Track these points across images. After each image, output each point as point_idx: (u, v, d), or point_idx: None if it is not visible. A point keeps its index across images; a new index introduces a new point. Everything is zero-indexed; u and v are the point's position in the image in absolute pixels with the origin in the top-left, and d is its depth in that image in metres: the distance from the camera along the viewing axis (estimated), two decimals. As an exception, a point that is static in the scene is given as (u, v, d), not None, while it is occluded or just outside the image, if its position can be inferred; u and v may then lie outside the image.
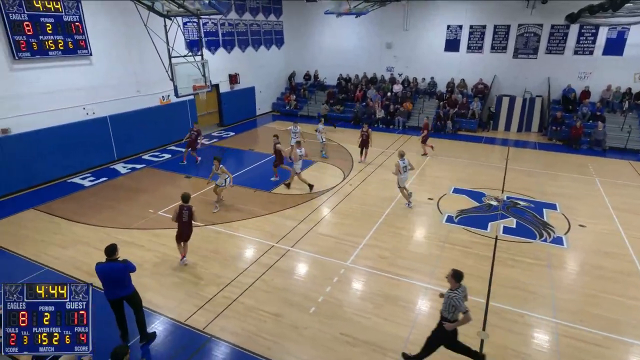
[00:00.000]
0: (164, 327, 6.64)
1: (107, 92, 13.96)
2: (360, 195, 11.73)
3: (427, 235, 9.54)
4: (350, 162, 14.58)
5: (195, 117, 18.15)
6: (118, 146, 14.58)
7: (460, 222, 10.10)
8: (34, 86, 11.89)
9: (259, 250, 8.83)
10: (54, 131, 12.50)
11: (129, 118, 14.79)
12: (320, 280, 7.76)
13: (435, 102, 20.53)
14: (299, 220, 10.14)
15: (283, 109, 23.28)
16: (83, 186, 12.48)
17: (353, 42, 22.53)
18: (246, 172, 13.80)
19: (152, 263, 8.39)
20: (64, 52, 12.31)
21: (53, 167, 12.67)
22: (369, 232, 9.55)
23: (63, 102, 12.68)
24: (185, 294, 7.38)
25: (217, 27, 18.82)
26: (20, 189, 11.97)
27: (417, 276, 7.89)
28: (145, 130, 15.42)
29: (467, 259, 8.50)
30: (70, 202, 11.29)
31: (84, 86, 13.18)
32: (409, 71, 21.80)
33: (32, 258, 8.49)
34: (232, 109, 20.43)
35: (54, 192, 12.02)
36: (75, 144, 13.15)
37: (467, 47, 20.10)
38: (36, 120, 12.04)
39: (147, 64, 14.78)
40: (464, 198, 11.51)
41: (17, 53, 11.24)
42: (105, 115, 14.00)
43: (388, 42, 21.75)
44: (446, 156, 15.44)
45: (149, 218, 10.29)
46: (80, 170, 13.49)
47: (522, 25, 18.94)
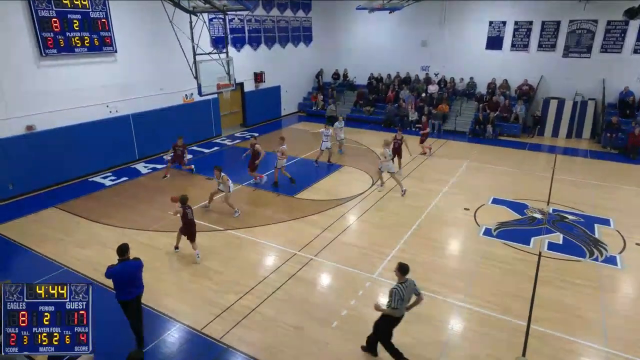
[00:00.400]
0: (179, 334, 6.72)
1: (131, 89, 14.46)
2: (389, 203, 11.60)
3: (462, 249, 9.32)
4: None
5: (219, 117, 18.51)
6: (140, 145, 15.04)
7: (500, 235, 9.81)
8: (59, 83, 12.45)
9: (281, 258, 8.84)
10: (77, 129, 13.04)
11: (151, 117, 15.25)
12: (345, 293, 7.67)
13: (474, 105, 20.12)
14: (323, 228, 10.11)
15: (309, 110, 23.39)
16: (104, 185, 12.93)
17: (386, 39, 22.42)
18: (269, 176, 13.90)
19: (169, 267, 8.55)
20: (89, 49, 12.85)
21: (75, 165, 13.20)
22: (398, 243, 9.41)
23: (87, 100, 13.21)
24: (203, 300, 7.47)
25: (243, 24, 19.17)
26: (42, 187, 12.52)
27: (451, 293, 7.69)
28: (167, 129, 15.83)
29: (506, 276, 8.21)
30: (91, 202, 11.71)
31: (107, 83, 13.70)
32: (445, 71, 21.48)
33: (52, 257, 8.84)
34: (257, 108, 20.71)
35: (75, 190, 12.51)
36: (98, 143, 13.66)
37: (511, 44, 19.61)
38: (60, 118, 12.60)
39: (171, 62, 15.19)
40: (504, 209, 11.20)
41: (44, 50, 11.82)
42: (128, 114, 14.48)
43: (423, 39, 21.51)
44: (485, 163, 15.06)
45: (168, 220, 10.52)
46: (102, 169, 13.99)
47: (574, 22, 18.26)
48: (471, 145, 17.56)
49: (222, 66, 12.13)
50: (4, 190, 11.69)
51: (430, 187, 12.72)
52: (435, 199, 11.86)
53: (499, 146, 17.46)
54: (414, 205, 11.39)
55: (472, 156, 15.83)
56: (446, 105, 20.11)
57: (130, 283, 6.18)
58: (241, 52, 19.12)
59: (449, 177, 13.54)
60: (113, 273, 6.09)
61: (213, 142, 17.75)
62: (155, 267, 8.52)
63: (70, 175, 13.15)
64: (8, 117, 11.50)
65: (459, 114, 20.08)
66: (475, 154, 16.19)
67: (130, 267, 6.18)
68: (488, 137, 18.61)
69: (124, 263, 6.15)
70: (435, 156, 15.87)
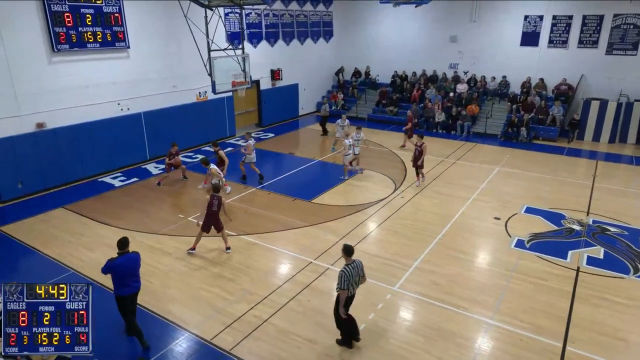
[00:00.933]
0: (188, 344, 6.84)
1: (143, 87, 14.83)
2: (413, 210, 11.54)
3: (491, 261, 9.20)
4: (402, 171, 14.40)
5: (233, 116, 18.77)
6: (151, 145, 15.39)
7: (533, 248, 9.66)
8: (70, 79, 12.88)
9: (295, 267, 8.89)
10: (87, 127, 13.45)
11: (163, 115, 15.60)
12: (363, 305, 7.66)
13: (506, 106, 19.88)
14: (341, 235, 10.13)
15: (329, 110, 23.40)
16: (113, 186, 13.27)
17: (411, 35, 22.38)
18: (285, 179, 14.01)
19: (179, 272, 8.71)
20: (102, 45, 13.26)
21: (84, 164, 13.61)
22: (422, 254, 9.35)
23: (98, 97, 13.62)
24: (213, 309, 7.58)
25: (260, 18, 19.44)
26: (51, 187, 12.93)
27: (478, 309, 7.60)
28: (179, 128, 16.16)
29: (540, 293, 8.08)
30: (100, 202, 12.04)
31: (119, 80, 14.10)
32: (476, 69, 21.30)
33: (59, 259, 9.12)
34: (273, 108, 20.92)
35: (84, 191, 12.88)
36: (108, 142, 14.05)
37: (548, 41, 19.33)
38: (70, 115, 13.02)
39: (185, 58, 15.53)
40: (539, 219, 11.03)
41: (56, 45, 12.25)
42: (140, 112, 14.85)
43: (452, 35, 21.38)
44: (518, 169, 14.85)
45: (178, 224, 10.71)
46: (112, 170, 14.37)
47: (619, 16, 17.87)
48: (503, 150, 17.32)
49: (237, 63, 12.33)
50: (13, 189, 12.13)
51: (458, 193, 12.61)
52: (463, 206, 11.75)
53: (533, 151, 17.21)
54: (439, 213, 11.31)
55: (503, 161, 15.64)
56: (476, 105, 19.91)
57: (132, 276, 6.44)
58: (258, 48, 19.38)
59: (478, 183, 13.40)
60: (115, 266, 6.27)
61: (227, 143, 18.00)
62: (164, 272, 8.70)
63: (79, 175, 13.55)
64: (19, 114, 11.95)
65: (490, 116, 19.86)
66: (508, 158, 15.99)
67: (132, 260, 6.45)
68: (522, 141, 18.34)
69: (125, 256, 6.39)
70: (463, 160, 15.72)
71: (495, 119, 19.71)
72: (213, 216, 9.08)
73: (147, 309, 7.56)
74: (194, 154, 16.43)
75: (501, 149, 17.40)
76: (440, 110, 20.15)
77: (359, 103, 23.14)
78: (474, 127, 19.68)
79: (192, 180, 13.63)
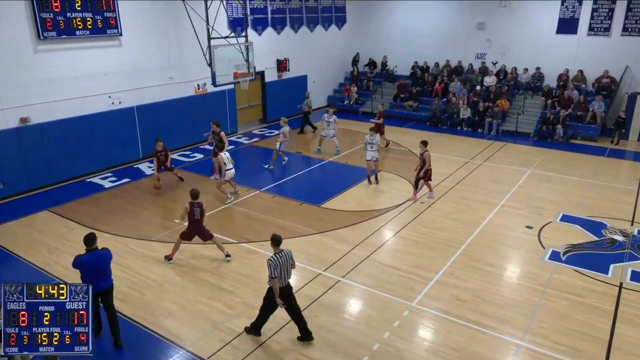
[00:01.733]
0: (182, 363, 6.86)
1: (136, 78, 14.96)
2: (435, 217, 11.48)
3: (522, 275, 9.12)
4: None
5: (235, 111, 18.85)
6: (144, 142, 15.51)
7: (570, 260, 9.56)
8: (58, 70, 13.03)
9: (302, 278, 8.88)
10: (75, 122, 13.59)
11: (158, 109, 15.73)
12: (377, 323, 7.63)
13: (540, 101, 19.71)
14: (354, 244, 10.10)
15: (341, 104, 23.49)
16: (103, 187, 13.40)
17: (433, 22, 22.33)
18: (291, 181, 14.03)
19: (174, 284, 8.74)
20: (92, 32, 13.41)
21: (72, 163, 13.76)
22: (444, 266, 9.30)
23: (87, 89, 13.77)
24: (212, 324, 7.59)
25: (265, 3, 19.54)
26: (36, 187, 13.09)
27: (507, 329, 7.52)
28: (176, 124, 16.28)
29: (578, 311, 7.98)
30: (88, 205, 12.15)
31: (111, 71, 14.24)
32: (506, 59, 21.16)
33: (42, 267, 9.22)
34: (279, 102, 20.96)
35: (71, 192, 13.02)
36: (98, 138, 14.20)
37: (588, 28, 19.15)
38: (57, 109, 13.17)
39: (183, 47, 15.63)
40: (576, 229, 10.92)
41: (42, 32, 12.41)
42: (132, 106, 14.99)
43: (480, 21, 21.27)
44: (553, 172, 14.71)
45: (173, 229, 10.75)
46: (101, 169, 14.51)
47: (669, 0, 17.62)
48: (536, 150, 17.19)
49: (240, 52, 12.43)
50: (-6, 190, 12.31)
51: (485, 198, 12.52)
52: (491, 213, 11.66)
53: (570, 151, 17.05)
54: (464, 221, 11.23)
55: (537, 163, 15.52)
56: (506, 100, 19.77)
57: (98, 275, 6.68)
58: (262, 35, 19.46)
59: (508, 187, 13.29)
60: (81, 262, 6.60)
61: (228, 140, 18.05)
62: (158, 283, 8.74)
63: (66, 175, 13.70)
64: (0, 108, 12.11)
65: (521, 112, 19.71)
66: (541, 160, 15.85)
67: (100, 257, 6.74)
68: (557, 140, 18.17)
69: (92, 252, 6.70)
70: (491, 161, 15.60)
71: (527, 116, 19.54)
72: (196, 225, 9.11)
73: (139, 323, 7.60)
74: (191, 152, 16.52)
75: (534, 150, 17.26)
76: (465, 106, 20.03)
77: (375, 97, 23.11)
78: (503, 124, 19.53)
79: (190, 180, 13.68)
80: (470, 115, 19.86)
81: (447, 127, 20.12)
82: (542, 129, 18.55)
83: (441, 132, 19.61)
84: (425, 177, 12.34)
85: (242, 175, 13.92)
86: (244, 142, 17.87)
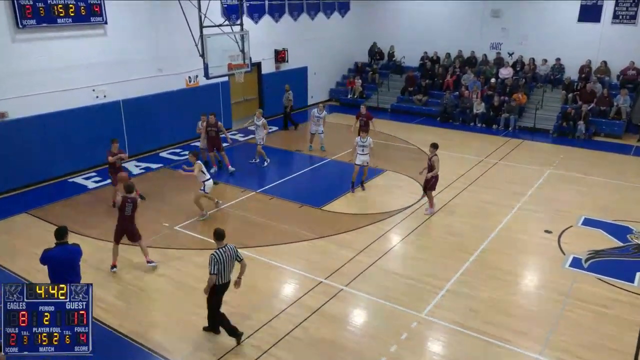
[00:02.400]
0: (172, 378, 6.88)
1: (122, 70, 14.98)
2: (446, 221, 11.50)
3: (541, 284, 9.13)
4: (433, 174, 14.32)
5: (229, 105, 18.86)
6: (131, 139, 15.53)
7: (593, 268, 9.57)
8: (37, 61, 13.04)
9: (302, 287, 8.89)
10: (56, 117, 13.62)
11: (146, 103, 15.75)
12: (383, 335, 7.64)
13: (561, 94, 19.74)
14: (358, 250, 10.11)
15: (344, 98, 23.53)
16: (86, 188, 13.43)
17: (444, 9, 22.35)
18: (291, 181, 14.05)
19: (162, 292, 8.76)
20: (74, 20, 13.44)
21: (53, 162, 13.79)
22: (456, 274, 9.30)
23: (70, 82, 13.78)
24: (203, 337, 7.59)
25: (263, -12, 19.56)
26: (13, 188, 13.12)
27: (524, 342, 7.53)
28: (165, 119, 16.30)
29: (602, 323, 7.98)
30: (70, 207, 12.17)
31: (95, 62, 14.26)
32: (523, 49, 21.18)
33: (22, 275, 9.21)
34: (277, 95, 20.90)
35: (52, 193, 13.05)
36: (80, 135, 14.21)
37: (612, 15, 19.16)
38: (37, 104, 13.18)
39: (173, 36, 15.64)
40: (599, 233, 10.93)
41: (21, 20, 12.44)
42: (118, 100, 15.02)
43: (495, 8, 21.30)
44: (574, 171, 14.73)
45: (162, 233, 10.78)
46: (85, 168, 14.53)
47: (701, -15, 17.63)
48: (556, 148, 17.22)
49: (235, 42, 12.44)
50: (-32, 190, 12.35)
51: (500, 200, 12.53)
52: (507, 217, 11.67)
53: (593, 149, 17.08)
54: (477, 225, 11.23)
55: (557, 162, 15.53)
56: (523, 94, 19.79)
57: (68, 270, 6.79)
58: (259, 24, 19.49)
59: (526, 188, 13.29)
60: (49, 257, 6.70)
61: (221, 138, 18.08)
62: (145, 292, 8.76)
63: (46, 175, 13.73)
64: (-24, 102, 12.17)
65: (540, 107, 19.72)
66: (562, 159, 15.87)
67: (70, 252, 6.88)
68: (579, 138, 18.18)
69: (62, 247, 6.83)
70: (507, 160, 15.61)
71: (546, 111, 19.55)
72: (127, 222, 9.04)
73: (126, 335, 7.61)
74: (181, 150, 16.54)
75: (554, 147, 17.30)
76: (479, 100, 20.04)
77: (381, 91, 23.13)
78: (520, 120, 19.56)
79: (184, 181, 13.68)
80: (484, 111, 19.85)
81: (459, 124, 20.13)
82: (563, 125, 18.55)
83: (453, 128, 19.62)
84: (427, 186, 11.64)
85: (238, 176, 13.92)
86: (239, 140, 17.88)
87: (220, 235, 7.12)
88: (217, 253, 6.97)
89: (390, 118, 21.18)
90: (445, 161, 12.81)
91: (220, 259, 6.94)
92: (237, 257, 7.22)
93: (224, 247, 7.08)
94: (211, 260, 6.93)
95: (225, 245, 7.11)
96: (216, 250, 7.03)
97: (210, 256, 6.95)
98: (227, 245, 7.13)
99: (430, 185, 11.68)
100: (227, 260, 7.02)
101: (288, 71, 21.31)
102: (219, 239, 7.11)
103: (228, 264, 7.07)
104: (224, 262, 6.98)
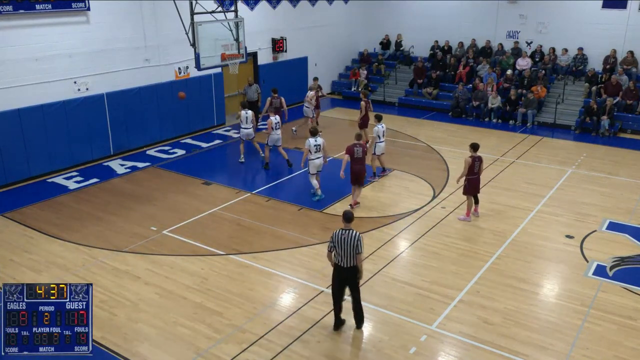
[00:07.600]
0: (160, 396, 6.88)
1: (106, 60, 15.01)
2: (458, 225, 11.49)
3: (561, 294, 9.13)
4: (443, 173, 14.34)
5: (223, 99, 18.85)
6: (116, 136, 15.56)
7: (618, 276, 9.57)
8: (13, 51, 13.05)
9: (302, 297, 8.89)
10: (34, 112, 13.63)
11: (132, 97, 15.77)
12: (390, 350, 7.64)
13: (583, 87, 19.74)
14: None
15: (347, 91, 23.53)
16: (67, 188, 13.43)
17: (457, -7, 22.34)
18: (289, 181, 14.07)
19: (151, 303, 8.76)
20: (54, 6, 13.46)
21: (30, 160, 13.80)
22: (469, 283, 9.30)
23: (49, 73, 13.81)
24: (195, 351, 7.59)
25: (259, -28, 19.56)
26: (-12, 188, 13.14)
27: (544, 357, 7.54)
28: (153, 114, 16.32)
29: (628, 336, 7.98)
30: (50, 210, 12.18)
31: (76, 52, 14.28)
32: (543, 39, 21.18)
33: (-4, 283, 9.23)
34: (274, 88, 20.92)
35: (29, 194, 13.04)
36: (61, 131, 14.24)
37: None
38: (13, 97, 13.19)
39: (162, 23, 15.67)
40: (626, 239, 10.94)
41: (-3, 6, 12.47)
42: (102, 93, 15.04)
43: (512, -6, 21.30)
44: (598, 171, 14.73)
45: (150, 238, 10.78)
46: (65, 167, 14.54)
47: None
48: (578, 145, 17.21)
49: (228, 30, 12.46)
50: (-62, 191, 12.37)
51: (517, 203, 12.53)
52: (524, 220, 11.67)
53: (618, 147, 17.08)
54: (493, 230, 11.23)
55: (579, 161, 15.52)
56: (543, 87, 19.78)
57: None
58: (255, 10, 19.50)
59: (545, 189, 13.30)
60: None
61: (213, 134, 18.12)
62: (131, 302, 8.75)
63: (23, 174, 13.74)
64: (-53, 95, 12.20)
65: (561, 100, 19.73)
66: (584, 157, 15.85)
67: None
68: (603, 134, 18.18)
69: None
70: (525, 159, 15.60)
71: (568, 105, 19.57)
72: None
73: (109, 349, 7.61)
74: (170, 147, 16.54)
75: (576, 145, 17.29)
76: (495, 93, 20.03)
77: (387, 83, 23.15)
78: (539, 115, 19.56)
79: (178, 181, 13.70)
80: (500, 105, 19.84)
81: (472, 119, 20.13)
82: (585, 121, 18.52)
83: (466, 124, 19.61)
84: (464, 190, 11.60)
85: (231, 176, 13.91)
86: (233, 136, 17.86)
87: (349, 217, 7.58)
88: (336, 232, 7.49)
89: (398, 113, 21.17)
90: (457, 160, 12.82)
91: (335, 237, 7.41)
92: (357, 249, 7.42)
93: (346, 231, 7.43)
94: (332, 236, 7.52)
95: (349, 230, 7.45)
96: (339, 229, 7.52)
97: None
98: (351, 231, 7.44)
99: (464, 190, 11.61)
100: (342, 243, 7.36)
101: (286, 62, 21.35)
102: (346, 221, 7.57)
103: (344, 248, 7.38)
104: (335, 242, 7.41)
